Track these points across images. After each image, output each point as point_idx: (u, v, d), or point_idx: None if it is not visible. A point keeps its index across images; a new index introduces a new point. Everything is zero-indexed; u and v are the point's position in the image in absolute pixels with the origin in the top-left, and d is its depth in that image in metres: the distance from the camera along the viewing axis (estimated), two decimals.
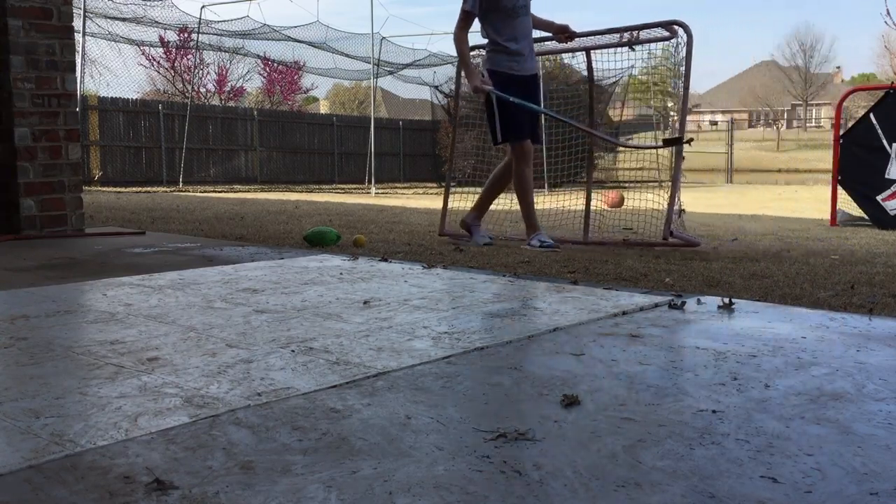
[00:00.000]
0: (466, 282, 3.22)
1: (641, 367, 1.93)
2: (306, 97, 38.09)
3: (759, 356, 2.04)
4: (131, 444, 1.41)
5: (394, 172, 22.19)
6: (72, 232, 4.93)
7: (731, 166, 26.57)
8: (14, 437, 1.44)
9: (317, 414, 1.58)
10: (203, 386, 1.75)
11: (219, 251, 4.21)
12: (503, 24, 4.71)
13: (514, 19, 4.71)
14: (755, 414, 1.59)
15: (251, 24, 16.75)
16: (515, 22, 4.71)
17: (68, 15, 4.94)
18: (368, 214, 7.50)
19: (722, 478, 1.28)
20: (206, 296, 2.84)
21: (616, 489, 1.23)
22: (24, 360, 1.97)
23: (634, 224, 5.54)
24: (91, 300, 2.81)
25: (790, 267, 3.83)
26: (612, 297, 2.83)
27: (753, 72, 66.74)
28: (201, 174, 17.72)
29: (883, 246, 5.03)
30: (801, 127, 58.76)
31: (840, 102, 8.00)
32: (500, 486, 1.24)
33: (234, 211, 7.65)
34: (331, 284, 3.08)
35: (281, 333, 2.25)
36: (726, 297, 2.78)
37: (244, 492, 1.21)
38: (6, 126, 4.72)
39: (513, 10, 4.69)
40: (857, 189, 6.97)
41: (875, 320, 2.52)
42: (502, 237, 5.17)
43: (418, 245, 4.66)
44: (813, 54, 59.02)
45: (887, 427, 1.52)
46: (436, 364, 1.96)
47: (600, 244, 4.84)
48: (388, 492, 1.21)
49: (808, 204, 10.63)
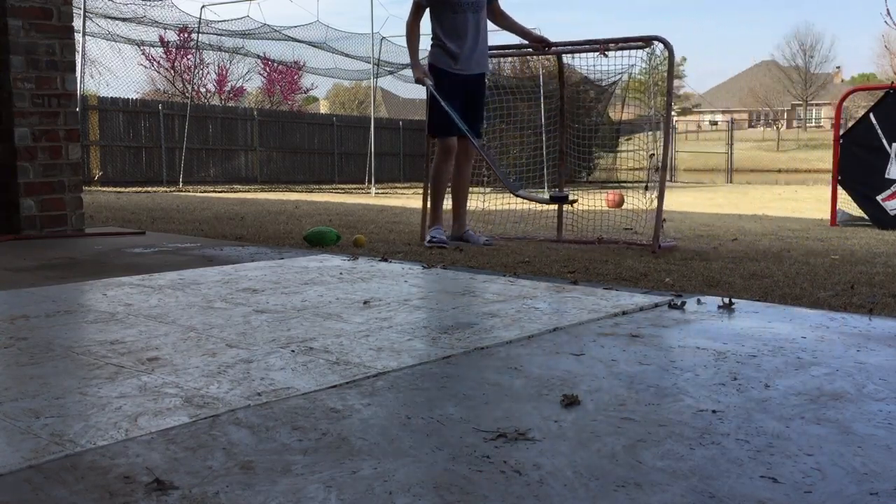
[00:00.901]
0: (466, 282, 3.22)
1: (641, 367, 1.93)
2: (306, 97, 38.09)
3: (759, 356, 2.04)
4: (131, 444, 1.41)
5: (394, 172, 22.18)
6: (72, 232, 4.93)
7: (732, 166, 26.57)
8: (14, 437, 1.44)
9: (317, 414, 1.58)
10: (203, 386, 1.75)
11: (219, 251, 4.21)
12: (447, 19, 4.64)
13: (457, 15, 4.62)
14: (755, 414, 1.59)
15: (251, 24, 16.74)
16: (459, 18, 4.62)
17: (68, 15, 4.94)
18: (368, 214, 7.50)
19: (722, 478, 1.28)
20: (206, 296, 2.84)
21: (616, 489, 1.23)
22: (24, 360, 1.97)
23: (634, 224, 5.54)
24: (91, 300, 2.81)
25: (790, 267, 3.83)
26: (612, 297, 2.83)
27: (753, 72, 66.74)
28: (201, 174, 17.72)
29: (883, 246, 5.03)
30: (801, 127, 58.77)
31: (840, 102, 8.00)
32: (500, 486, 1.24)
33: (234, 211, 7.65)
34: (331, 284, 3.08)
35: (281, 333, 2.25)
36: (726, 297, 2.78)
37: (244, 492, 1.21)
38: (6, 126, 4.72)
39: (458, 6, 4.60)
40: (857, 189, 6.97)
41: (875, 320, 2.52)
42: (504, 237, 5.17)
43: (418, 245, 4.66)
44: (813, 54, 59.03)
45: (887, 427, 1.52)
46: (436, 364, 1.96)
47: (574, 242, 4.86)
48: (388, 492, 1.21)
49: (809, 204, 10.63)
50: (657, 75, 5.01)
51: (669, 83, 4.64)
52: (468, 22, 4.64)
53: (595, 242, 4.83)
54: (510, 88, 8.14)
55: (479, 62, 4.74)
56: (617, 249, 4.58)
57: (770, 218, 7.89)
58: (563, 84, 5.33)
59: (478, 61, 4.73)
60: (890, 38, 48.37)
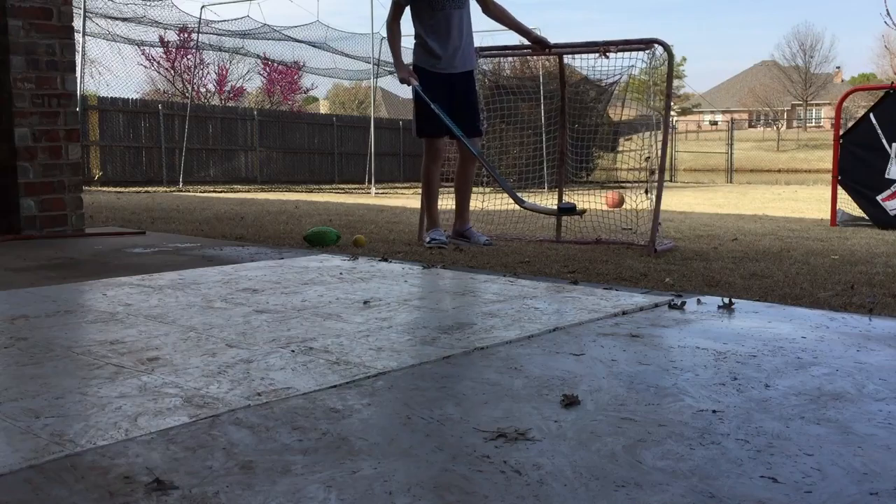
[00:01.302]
0: (466, 282, 3.22)
1: (641, 367, 1.93)
2: (306, 97, 38.09)
3: (759, 356, 2.04)
4: (131, 444, 1.41)
5: (394, 172, 22.17)
6: (72, 232, 4.93)
7: (732, 166, 26.56)
8: (14, 437, 1.44)
9: (317, 414, 1.58)
10: (203, 386, 1.75)
11: (219, 251, 4.21)
12: (427, 17, 4.47)
13: (437, 12, 4.44)
14: (755, 414, 1.59)
15: (251, 24, 16.73)
16: (440, 16, 4.45)
17: (68, 15, 4.94)
18: (368, 214, 7.50)
19: (722, 478, 1.28)
20: (206, 296, 2.84)
21: (616, 489, 1.23)
22: (24, 360, 1.97)
23: (634, 224, 5.54)
24: (91, 300, 2.81)
25: (790, 267, 3.83)
26: (612, 297, 2.83)
27: (753, 72, 66.72)
28: (201, 174, 17.71)
29: (883, 246, 5.03)
30: (801, 127, 58.74)
31: (840, 102, 8.00)
32: (500, 486, 1.24)
33: (234, 211, 7.65)
34: (331, 284, 3.08)
35: (281, 333, 2.25)
36: (726, 297, 2.78)
37: (244, 492, 1.21)
38: (6, 126, 4.72)
39: (437, 3, 4.42)
40: (857, 189, 6.97)
41: (875, 320, 2.52)
42: (504, 237, 5.17)
43: (418, 245, 4.66)
44: (813, 54, 59.00)
45: (887, 427, 1.52)
46: (436, 364, 1.96)
47: (574, 242, 4.86)
48: (388, 492, 1.21)
49: (809, 204, 10.63)
50: (657, 76, 5.01)
51: (669, 87, 4.64)
52: (450, 19, 4.47)
53: (595, 242, 4.83)
54: (510, 88, 8.15)
55: (464, 60, 4.57)
56: (616, 249, 4.58)
57: (770, 218, 7.89)
58: (563, 84, 5.33)
59: (463, 59, 4.57)
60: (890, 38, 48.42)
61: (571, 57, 5.18)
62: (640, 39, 4.60)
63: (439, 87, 4.50)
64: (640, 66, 4.90)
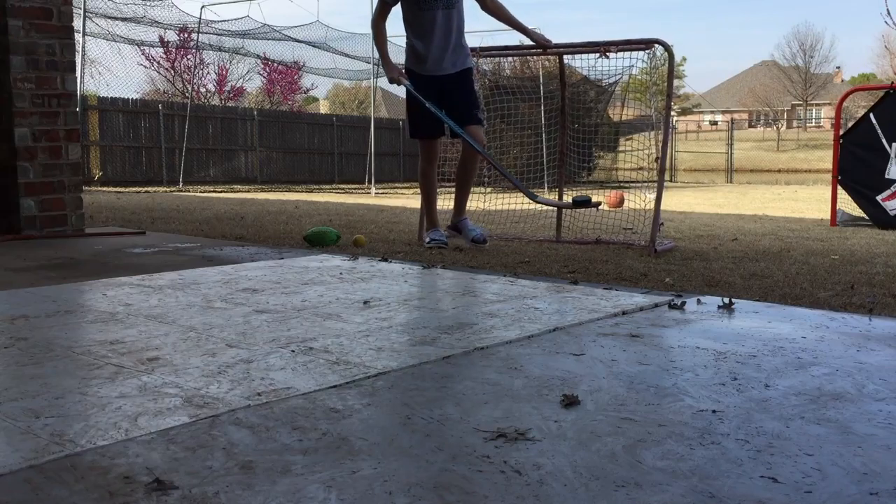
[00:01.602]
0: (466, 282, 3.22)
1: (641, 367, 1.93)
2: (306, 97, 38.09)
3: (759, 356, 2.04)
4: (131, 444, 1.41)
5: (394, 172, 22.18)
6: (72, 232, 4.93)
7: (732, 166, 26.57)
8: (14, 437, 1.44)
9: (317, 414, 1.58)
10: (203, 386, 1.75)
11: (219, 251, 4.21)
12: (414, 17, 4.35)
13: (424, 12, 4.31)
14: (755, 414, 1.59)
15: (251, 24, 16.74)
16: (426, 16, 4.31)
17: (68, 15, 4.94)
18: (368, 214, 7.50)
19: (722, 478, 1.28)
20: (206, 296, 2.84)
21: (616, 489, 1.23)
22: (24, 360, 1.97)
23: (634, 224, 5.54)
24: (91, 300, 2.81)
25: (790, 267, 3.83)
26: (612, 297, 2.83)
27: (753, 72, 66.72)
28: (201, 174, 17.72)
29: (883, 246, 5.03)
30: (801, 127, 58.74)
31: (840, 102, 8.00)
32: (500, 486, 1.24)
33: (234, 211, 7.65)
34: (331, 284, 3.08)
35: (281, 333, 2.25)
36: (726, 297, 2.78)
37: (244, 492, 1.21)
38: (6, 126, 4.72)
39: (424, 2, 4.29)
40: (856, 189, 6.97)
41: (875, 320, 2.52)
42: (505, 237, 5.17)
43: (418, 245, 4.66)
44: (813, 54, 59.00)
45: (887, 427, 1.52)
46: (436, 364, 1.96)
47: (574, 242, 4.87)
48: (387, 492, 1.21)
49: (809, 204, 10.63)
50: (657, 76, 5.01)
51: (669, 87, 4.63)
52: (436, 19, 4.31)
53: (595, 242, 4.84)
54: (510, 88, 8.15)
55: (453, 61, 4.41)
56: (617, 249, 4.58)
57: (770, 218, 7.88)
58: (563, 84, 5.33)
59: (452, 61, 4.41)
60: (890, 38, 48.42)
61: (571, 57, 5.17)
62: (640, 39, 4.59)
63: (428, 90, 4.39)
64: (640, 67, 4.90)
